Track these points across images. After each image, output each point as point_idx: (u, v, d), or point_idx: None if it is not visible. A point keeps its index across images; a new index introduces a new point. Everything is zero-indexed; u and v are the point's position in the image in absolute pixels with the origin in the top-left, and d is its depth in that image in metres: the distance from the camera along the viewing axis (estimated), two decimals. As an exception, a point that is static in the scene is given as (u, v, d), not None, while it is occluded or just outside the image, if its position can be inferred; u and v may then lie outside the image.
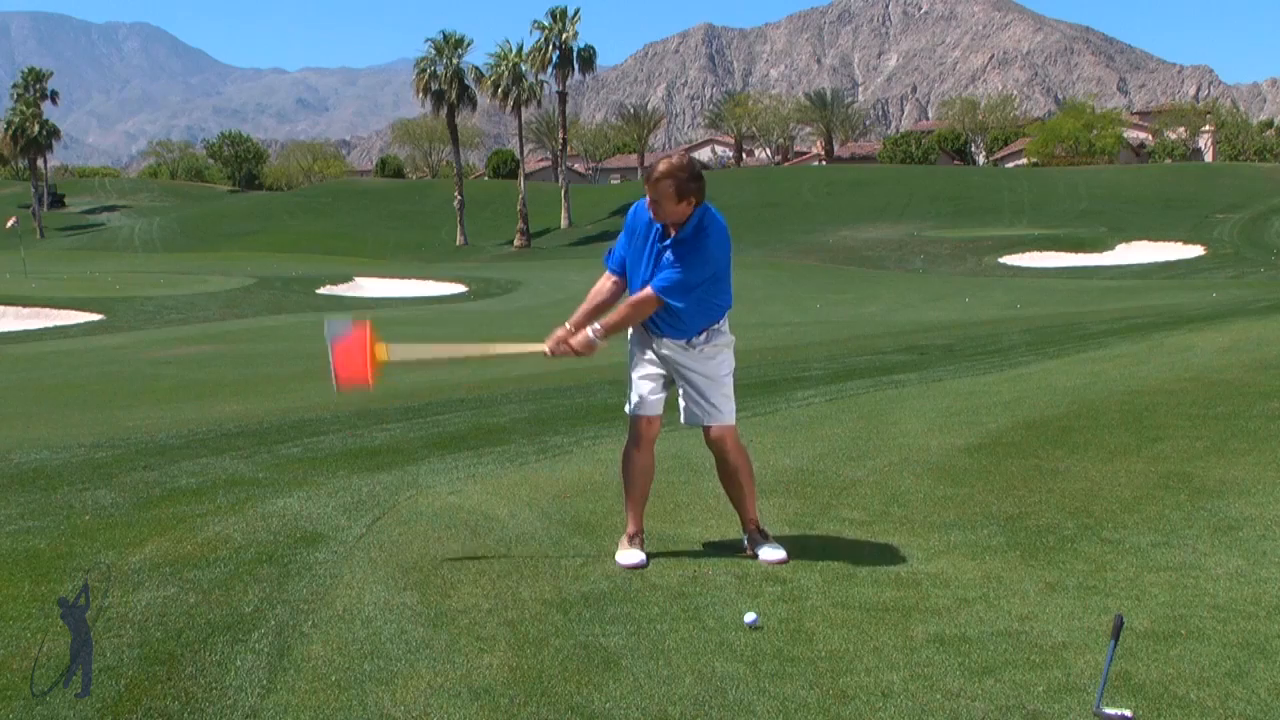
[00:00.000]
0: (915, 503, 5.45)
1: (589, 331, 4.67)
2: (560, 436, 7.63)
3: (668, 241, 4.53)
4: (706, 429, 4.71)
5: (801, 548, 4.69)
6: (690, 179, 4.41)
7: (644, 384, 4.74)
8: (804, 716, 3.13)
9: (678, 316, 4.58)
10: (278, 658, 3.58)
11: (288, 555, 4.70)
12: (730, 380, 4.73)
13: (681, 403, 4.75)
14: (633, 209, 4.71)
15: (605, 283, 4.79)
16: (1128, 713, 3.04)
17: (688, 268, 4.47)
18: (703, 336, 4.63)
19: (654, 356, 4.71)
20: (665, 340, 4.66)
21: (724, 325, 4.70)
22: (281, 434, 8.31)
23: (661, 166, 4.42)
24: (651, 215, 4.53)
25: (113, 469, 6.89)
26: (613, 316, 4.67)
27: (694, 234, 4.49)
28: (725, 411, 4.70)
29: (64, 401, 12.63)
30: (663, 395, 4.77)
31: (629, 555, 4.58)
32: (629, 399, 4.79)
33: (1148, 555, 4.48)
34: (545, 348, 4.74)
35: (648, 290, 4.54)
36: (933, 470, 6.10)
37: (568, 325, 4.76)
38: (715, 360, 4.67)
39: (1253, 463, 5.93)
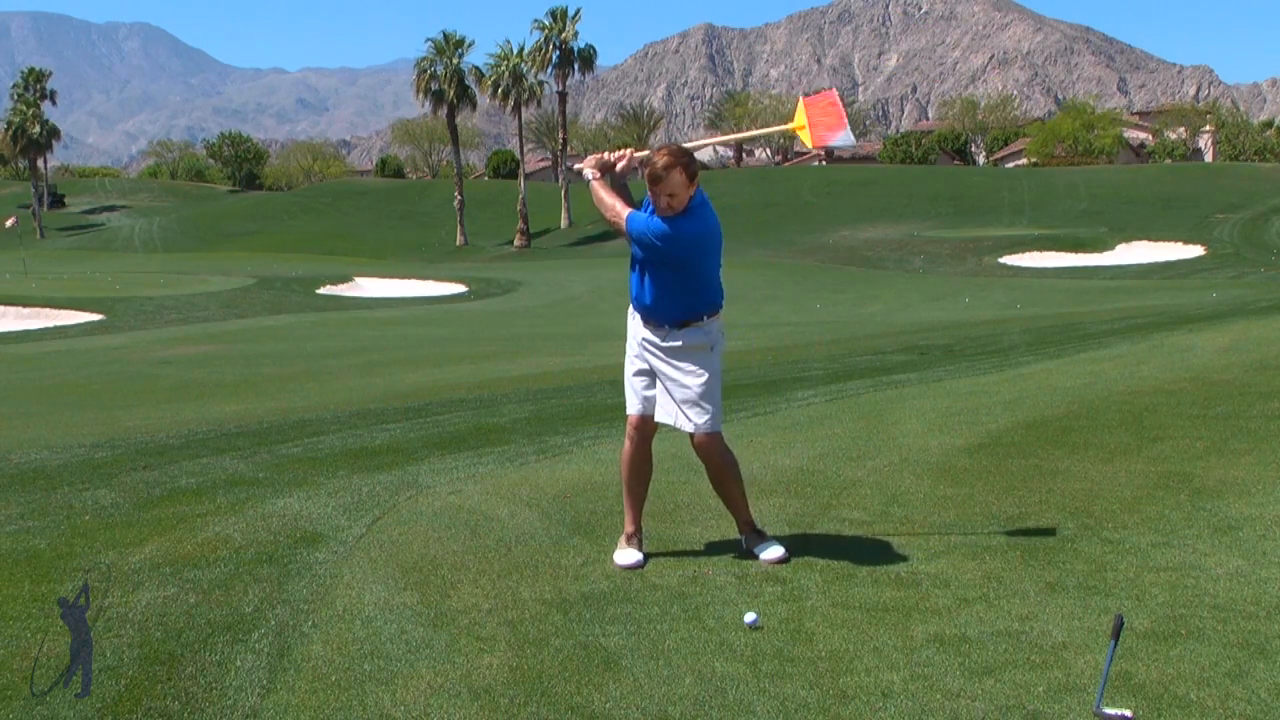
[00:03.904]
0: (915, 503, 5.45)
1: (592, 165, 4.75)
2: (560, 436, 7.63)
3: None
4: (690, 434, 4.68)
5: (801, 548, 4.69)
6: (691, 159, 4.48)
7: (636, 380, 4.75)
8: (804, 716, 3.13)
9: (657, 291, 4.58)
10: (278, 658, 3.58)
11: (288, 555, 4.71)
12: (706, 388, 4.60)
13: (659, 400, 4.70)
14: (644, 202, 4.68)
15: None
16: (1128, 713, 3.04)
17: (658, 232, 4.49)
18: (679, 331, 4.59)
19: (641, 352, 4.71)
20: (649, 326, 4.65)
21: (708, 325, 4.62)
22: (281, 434, 8.31)
23: (661, 160, 4.42)
24: (656, 210, 4.50)
25: (113, 469, 6.89)
26: (603, 187, 4.72)
27: (682, 213, 4.50)
28: (697, 419, 4.59)
29: (64, 401, 12.63)
30: (655, 393, 4.74)
31: (626, 555, 4.58)
32: (626, 397, 4.82)
33: (1148, 555, 4.48)
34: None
35: (625, 214, 4.59)
36: (933, 470, 6.10)
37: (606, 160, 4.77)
38: (688, 362, 4.59)
39: (1253, 463, 5.93)
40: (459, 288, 42.29)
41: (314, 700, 3.28)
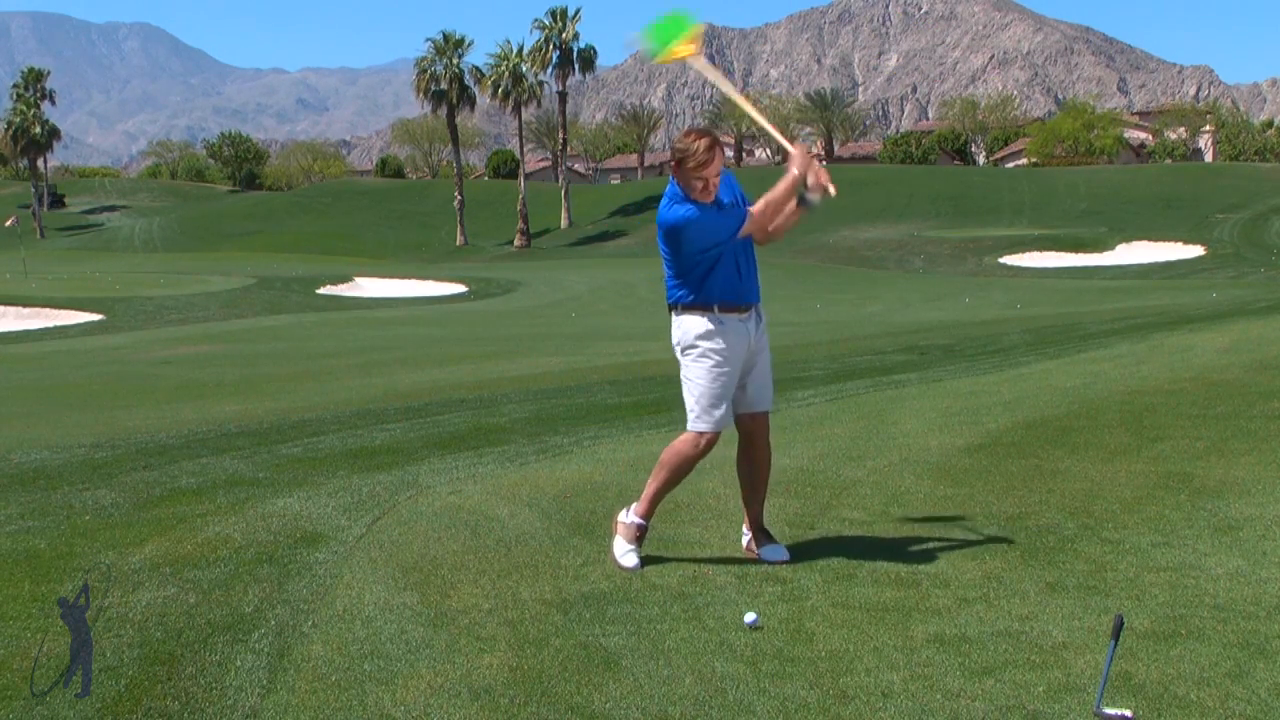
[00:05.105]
0: (915, 503, 5.45)
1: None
2: (560, 436, 7.63)
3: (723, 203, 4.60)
4: (756, 414, 4.64)
5: (801, 548, 4.69)
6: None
7: (731, 393, 4.57)
8: (804, 716, 3.13)
9: (754, 269, 4.74)
10: (278, 658, 3.58)
11: (288, 555, 4.71)
12: None
13: (747, 392, 4.63)
14: (670, 218, 4.55)
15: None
16: (1128, 713, 3.04)
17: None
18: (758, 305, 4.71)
19: (745, 353, 4.57)
20: (748, 314, 4.62)
21: None
22: (281, 434, 8.31)
23: (705, 141, 4.43)
24: (706, 190, 4.51)
25: (113, 469, 6.89)
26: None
27: (727, 182, 4.64)
28: (772, 393, 4.76)
29: (64, 401, 12.63)
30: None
31: (628, 558, 4.55)
32: (713, 415, 4.50)
33: (1148, 555, 4.48)
34: (797, 154, 4.73)
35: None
36: (933, 470, 6.10)
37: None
38: (766, 336, 4.73)
39: (1253, 463, 5.93)
40: (459, 288, 42.29)
41: (314, 700, 3.28)
